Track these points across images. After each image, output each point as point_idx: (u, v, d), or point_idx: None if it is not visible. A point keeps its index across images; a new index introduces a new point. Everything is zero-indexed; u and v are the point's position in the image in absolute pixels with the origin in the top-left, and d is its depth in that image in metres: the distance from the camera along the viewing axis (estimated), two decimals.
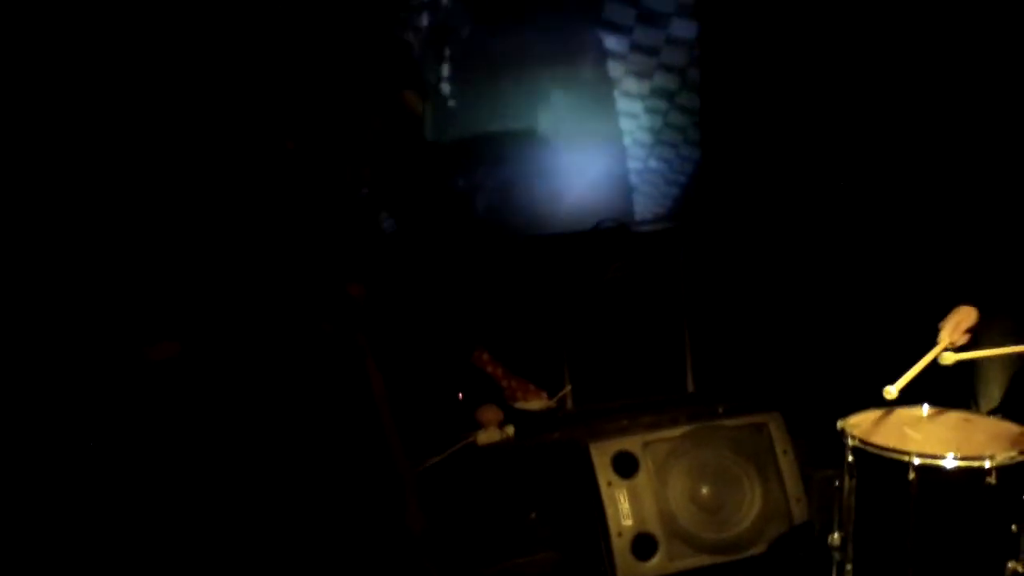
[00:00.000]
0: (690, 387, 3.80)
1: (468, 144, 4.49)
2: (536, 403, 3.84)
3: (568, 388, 3.83)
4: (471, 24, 4.48)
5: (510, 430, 3.68)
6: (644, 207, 4.81)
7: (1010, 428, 2.68)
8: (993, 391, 3.03)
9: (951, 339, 2.81)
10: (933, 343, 2.83)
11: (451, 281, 4.13)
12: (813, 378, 3.90)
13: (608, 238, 4.30)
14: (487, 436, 3.66)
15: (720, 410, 3.57)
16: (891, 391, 2.70)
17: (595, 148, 4.69)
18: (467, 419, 3.74)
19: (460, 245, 4.35)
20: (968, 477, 2.47)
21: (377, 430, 1.99)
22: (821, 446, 3.27)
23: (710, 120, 4.72)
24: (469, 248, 4.33)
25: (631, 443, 3.40)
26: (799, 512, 3.39)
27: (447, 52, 4.47)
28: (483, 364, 3.90)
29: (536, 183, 4.52)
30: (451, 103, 4.51)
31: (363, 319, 2.03)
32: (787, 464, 3.43)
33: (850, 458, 2.66)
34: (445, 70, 4.49)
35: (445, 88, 4.48)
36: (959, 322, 2.82)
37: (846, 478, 2.70)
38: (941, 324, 2.86)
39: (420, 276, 4.14)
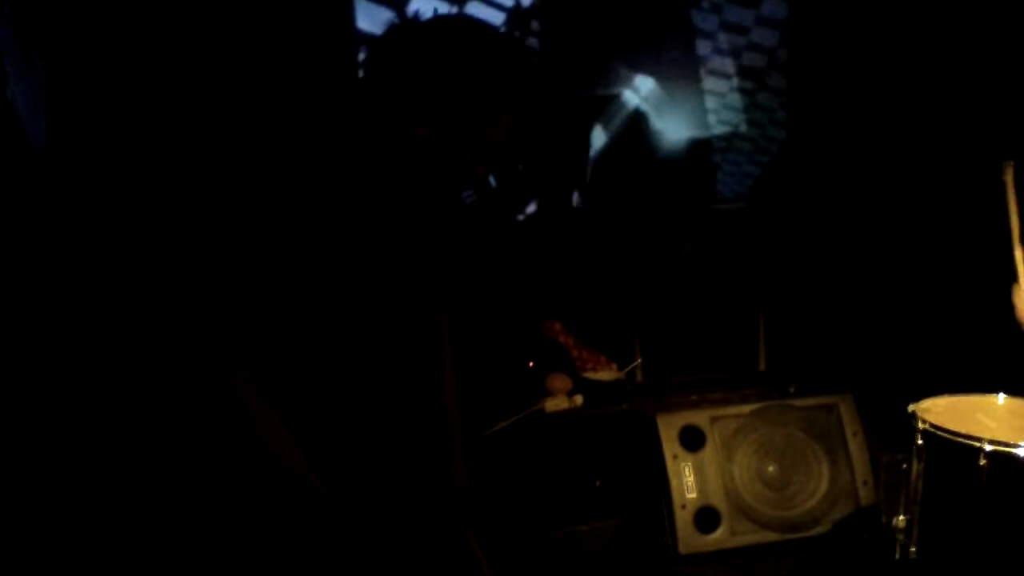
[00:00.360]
0: (761, 366, 3.79)
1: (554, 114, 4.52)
2: (606, 374, 3.86)
3: (639, 361, 3.84)
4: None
5: (579, 399, 3.72)
6: (726, 186, 4.79)
7: None
8: None
9: None
10: (1008, 329, 2.78)
11: (528, 251, 4.17)
12: (885, 362, 3.86)
13: (687, 214, 4.29)
14: (555, 404, 3.70)
15: (791, 390, 3.57)
16: None
17: (680, 125, 4.68)
18: (537, 387, 3.79)
19: (540, 217, 4.39)
20: None
21: (437, 384, 2.04)
22: (891, 430, 3.26)
23: (797, 102, 4.67)
24: (548, 220, 4.37)
25: (699, 417, 3.42)
26: (866, 494, 3.38)
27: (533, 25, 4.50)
28: (555, 334, 3.93)
29: (623, 156, 4.53)
30: (540, 70, 4.53)
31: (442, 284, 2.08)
32: (856, 446, 3.41)
33: (920, 441, 2.65)
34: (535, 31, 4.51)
35: (535, 55, 4.51)
36: None
37: (915, 462, 2.69)
38: None
39: (498, 246, 4.20)
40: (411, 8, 4.10)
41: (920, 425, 2.65)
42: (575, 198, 4.46)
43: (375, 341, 1.85)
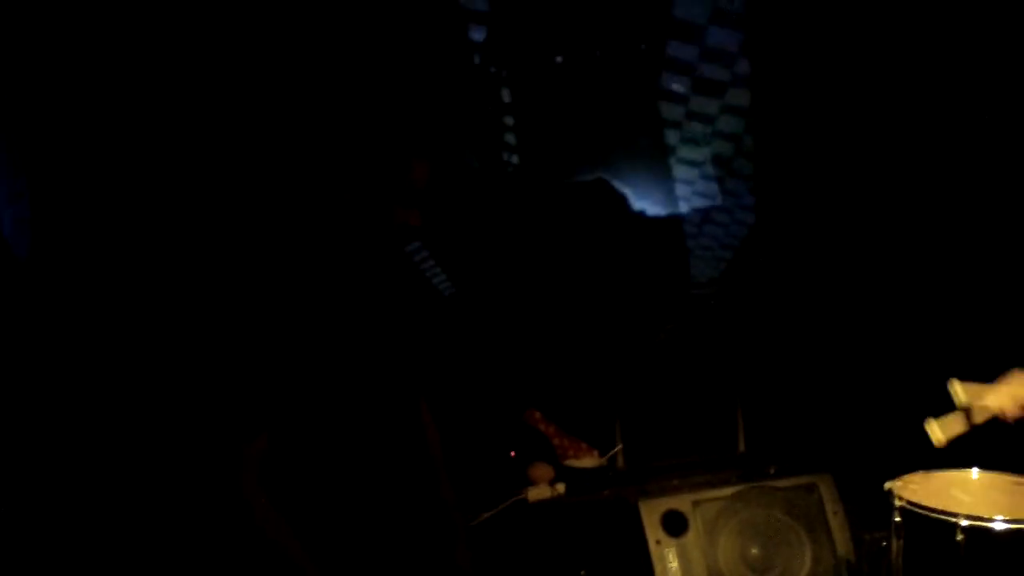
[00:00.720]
0: (741, 447, 3.82)
1: (525, 201, 4.62)
2: (588, 461, 3.88)
3: (620, 447, 3.87)
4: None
5: (561, 487, 3.73)
6: (699, 270, 4.88)
7: None
8: None
9: (1008, 412, 2.77)
10: None
11: (506, 341, 4.22)
12: (863, 441, 3.90)
13: (662, 300, 4.37)
14: (538, 493, 3.71)
15: (771, 471, 3.58)
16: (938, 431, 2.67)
17: (652, 211, 4.79)
18: (519, 476, 3.80)
19: (516, 305, 4.45)
20: (1017, 539, 2.47)
21: (432, 476, 2.07)
22: (871, 508, 3.28)
23: (764, 187, 4.80)
24: (525, 308, 4.43)
25: (681, 502, 3.44)
26: (849, 574, 3.38)
27: (505, 100, 4.63)
28: (536, 422, 3.96)
29: (594, 244, 4.62)
30: (510, 169, 4.65)
31: (421, 375, 2.12)
32: (837, 525, 3.43)
33: (898, 519, 2.68)
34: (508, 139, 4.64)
35: (505, 156, 4.64)
36: (1016, 394, 2.70)
37: (894, 539, 2.71)
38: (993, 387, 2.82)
39: (476, 337, 4.24)
40: None
41: (897, 503, 2.68)
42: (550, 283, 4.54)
43: (365, 432, 1.88)
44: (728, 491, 3.47)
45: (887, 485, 2.76)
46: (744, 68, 4.75)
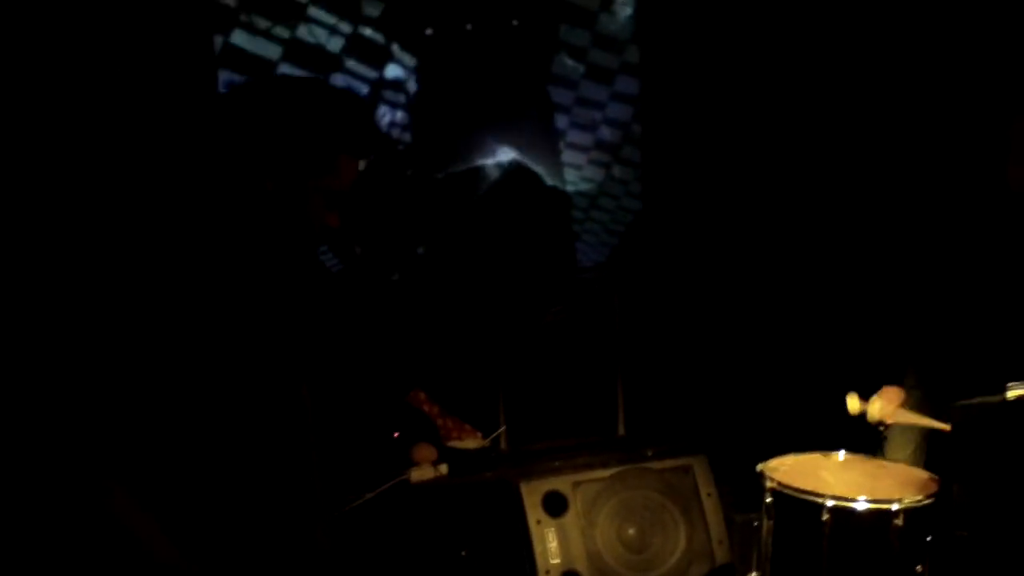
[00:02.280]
0: (621, 430, 3.88)
1: (417, 188, 4.60)
2: (471, 442, 3.88)
3: (503, 429, 3.88)
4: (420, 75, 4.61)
5: (444, 468, 3.72)
6: (585, 255, 4.94)
7: (919, 474, 2.81)
8: (901, 446, 3.15)
9: (881, 418, 2.92)
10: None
11: (392, 321, 4.20)
12: (740, 423, 4.02)
13: (548, 283, 4.40)
14: (420, 474, 3.69)
15: (649, 453, 3.65)
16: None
17: (541, 196, 4.81)
18: (402, 457, 3.78)
19: (403, 286, 4.43)
20: (877, 519, 2.59)
21: (304, 453, 2.04)
22: (746, 490, 3.38)
23: (651, 174, 4.88)
24: (412, 289, 4.41)
25: (561, 483, 3.48)
26: (721, 554, 3.49)
27: (400, 99, 4.59)
28: (420, 403, 3.94)
29: (483, 228, 4.63)
30: (400, 147, 4.62)
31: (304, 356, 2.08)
32: (711, 506, 3.52)
33: (768, 499, 2.77)
34: (396, 117, 4.60)
35: (394, 134, 4.60)
36: (886, 404, 2.92)
37: (764, 519, 2.80)
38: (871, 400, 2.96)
39: (362, 315, 4.20)
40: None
41: (768, 484, 2.77)
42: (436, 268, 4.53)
43: (239, 419, 1.84)
44: (607, 473, 3.53)
45: (759, 467, 2.85)
46: (634, 56, 4.82)
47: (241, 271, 1.88)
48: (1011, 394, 2.49)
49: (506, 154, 4.79)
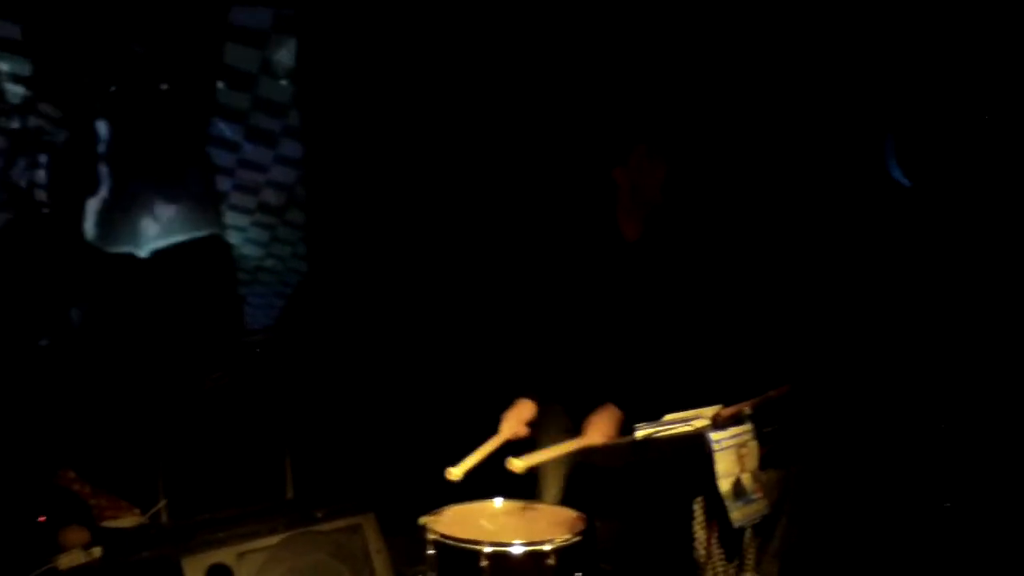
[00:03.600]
0: (290, 494, 3.83)
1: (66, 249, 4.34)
2: (127, 520, 3.67)
3: (163, 503, 3.70)
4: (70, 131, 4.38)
5: (96, 551, 3.47)
6: (253, 318, 4.86)
7: (568, 514, 2.99)
8: (551, 487, 3.33)
9: (512, 432, 3.09)
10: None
11: (37, 391, 3.90)
12: (409, 477, 4.08)
13: (210, 348, 4.28)
14: (69, 559, 3.42)
15: (319, 515, 3.62)
16: (454, 472, 2.94)
17: (203, 261, 4.69)
18: (50, 543, 3.50)
19: (51, 353, 4.14)
20: (532, 560, 2.71)
21: None
22: (413, 544, 3.43)
23: (316, 236, 4.90)
24: (60, 356, 4.13)
25: (226, 555, 3.35)
26: None
27: (42, 160, 4.33)
28: (68, 483, 3.68)
29: (141, 294, 4.44)
30: (45, 211, 4.34)
31: None
32: (381, 564, 3.53)
33: (431, 551, 2.83)
34: (41, 177, 4.33)
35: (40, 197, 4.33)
36: (518, 415, 3.09)
37: (430, 572, 2.86)
38: (503, 416, 3.12)
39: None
40: None
41: (430, 536, 2.83)
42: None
43: None
44: (275, 539, 3.44)
45: (421, 520, 2.91)
46: (296, 120, 4.84)
47: None
48: (639, 434, 2.73)
49: (166, 216, 4.63)
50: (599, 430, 3.01)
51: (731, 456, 2.63)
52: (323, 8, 4.73)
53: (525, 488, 3.21)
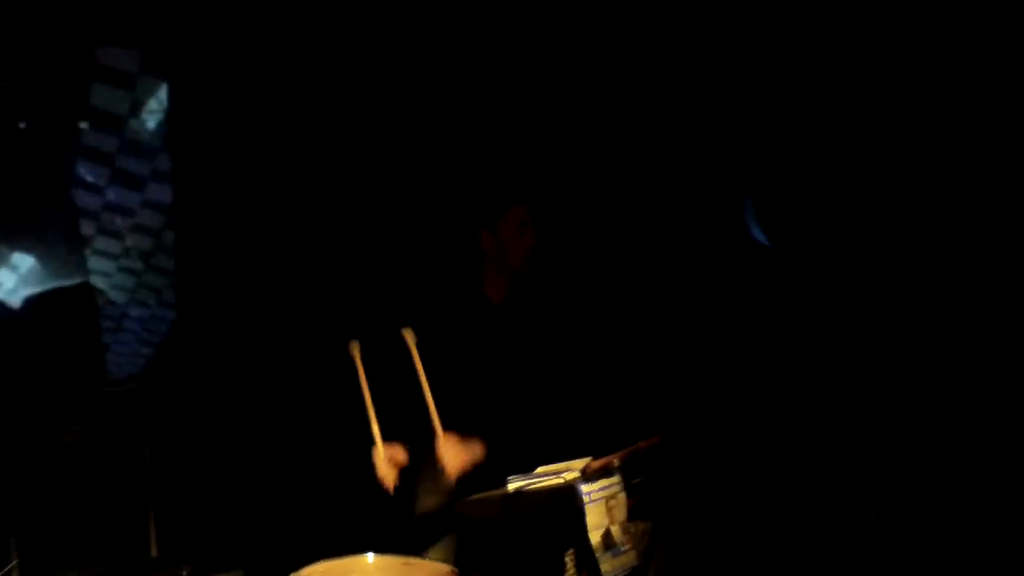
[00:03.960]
0: (154, 552, 3.70)
1: None
2: None
3: (15, 563, 3.53)
4: None
5: None
6: (116, 366, 4.69)
7: (443, 569, 2.97)
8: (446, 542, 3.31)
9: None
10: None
11: None
12: (279, 532, 4.00)
13: (69, 399, 4.11)
14: None
15: (184, 572, 3.51)
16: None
17: (63, 307, 4.52)
18: None
19: None
20: None
21: None
22: None
23: (186, 282, 4.77)
24: None
25: None
26: None
27: None
28: None
29: None
30: None
31: None
32: None
33: None
34: None
35: None
36: (391, 457, 3.01)
37: None
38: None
39: None
40: None
41: None
42: None
43: None
44: None
45: None
46: (165, 163, 4.73)
47: None
48: (511, 487, 2.75)
49: (23, 260, 4.46)
50: (454, 456, 3.01)
51: (600, 508, 2.67)
52: (194, 51, 4.65)
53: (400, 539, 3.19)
